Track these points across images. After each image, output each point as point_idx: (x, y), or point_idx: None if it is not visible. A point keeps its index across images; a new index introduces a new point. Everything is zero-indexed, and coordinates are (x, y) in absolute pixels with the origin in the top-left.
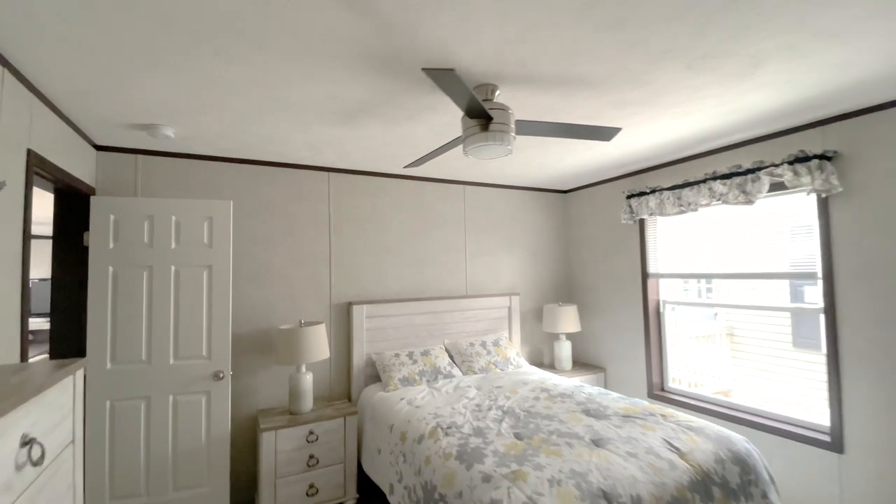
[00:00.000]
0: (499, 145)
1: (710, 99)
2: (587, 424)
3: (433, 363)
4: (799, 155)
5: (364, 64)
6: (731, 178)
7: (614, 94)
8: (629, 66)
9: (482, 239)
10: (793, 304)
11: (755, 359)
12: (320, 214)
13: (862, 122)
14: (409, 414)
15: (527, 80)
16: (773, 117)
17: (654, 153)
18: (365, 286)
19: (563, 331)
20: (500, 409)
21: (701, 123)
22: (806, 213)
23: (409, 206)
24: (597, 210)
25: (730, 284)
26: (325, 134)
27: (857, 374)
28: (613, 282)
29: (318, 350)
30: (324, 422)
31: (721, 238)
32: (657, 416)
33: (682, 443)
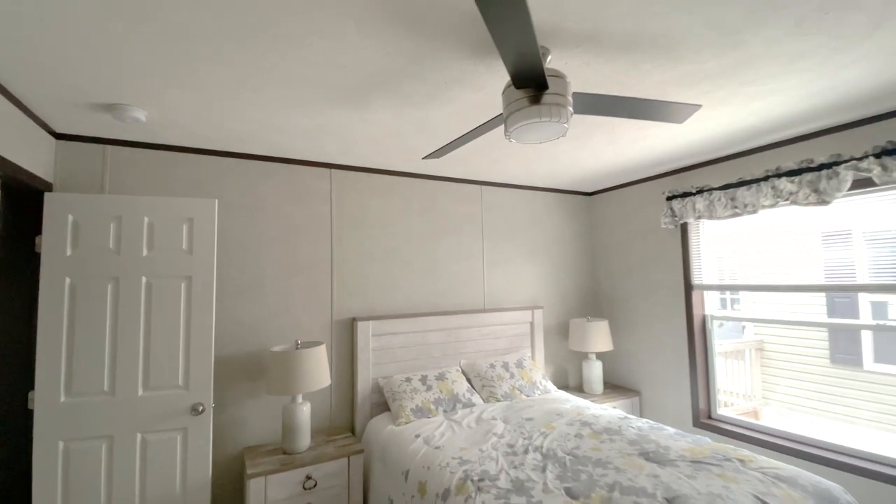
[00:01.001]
0: (554, 122)
1: (803, 73)
2: (651, 474)
3: (450, 389)
4: (887, 146)
5: (385, 15)
6: (800, 175)
7: (690, 64)
8: (725, 19)
9: (501, 245)
10: (874, 321)
11: (790, 375)
12: (320, 216)
13: None
14: (427, 457)
15: (586, 42)
16: (862, 101)
17: (702, 148)
18: (371, 299)
19: (592, 349)
20: (539, 450)
21: (780, 107)
22: (882, 216)
23: (420, 208)
24: (628, 214)
25: (756, 296)
26: (326, 117)
27: None
28: (649, 294)
29: (317, 377)
30: (324, 463)
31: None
32: (733, 460)
33: (778, 500)
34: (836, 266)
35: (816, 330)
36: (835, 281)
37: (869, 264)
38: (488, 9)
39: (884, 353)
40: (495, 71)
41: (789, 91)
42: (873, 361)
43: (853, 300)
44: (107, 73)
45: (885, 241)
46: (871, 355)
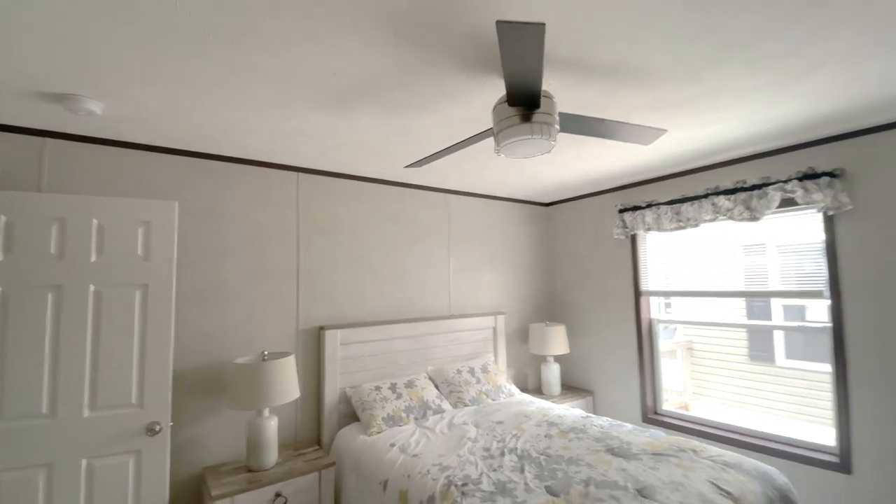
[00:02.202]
0: (543, 140)
1: (748, 106)
2: (619, 468)
3: (420, 396)
4: (808, 171)
5: (390, 27)
6: (735, 194)
7: (660, 92)
8: (693, 57)
9: (466, 253)
10: (795, 323)
11: (715, 371)
12: (287, 222)
13: (869, 141)
14: (406, 466)
15: (573, 67)
16: (792, 131)
17: (653, 166)
18: (339, 307)
19: (551, 352)
20: (514, 452)
21: (725, 133)
22: (792, 231)
23: (389, 215)
24: (583, 224)
25: (687, 301)
26: (308, 121)
27: (865, 392)
28: (602, 300)
29: (286, 389)
30: (294, 479)
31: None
32: (687, 451)
33: (730, 485)
34: (754, 274)
35: (737, 330)
36: (753, 287)
37: (780, 273)
38: (511, 42)
39: (793, 351)
40: (484, 87)
41: (735, 120)
42: (784, 358)
43: (767, 304)
44: (63, 61)
45: (794, 253)
46: (782, 352)
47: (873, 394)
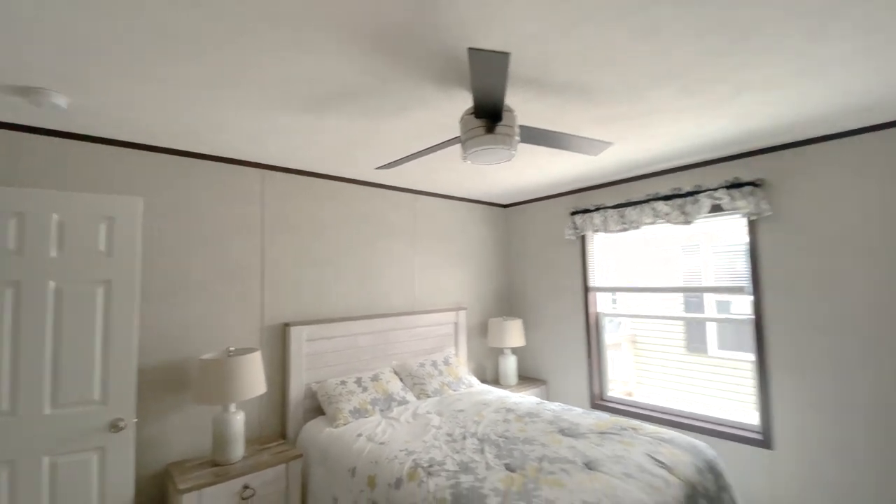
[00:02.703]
0: (505, 149)
1: (682, 123)
2: (570, 445)
3: (385, 389)
4: (734, 181)
5: (369, 39)
6: (672, 200)
7: (607, 109)
8: (635, 80)
9: (431, 251)
10: (721, 315)
11: (656, 362)
12: (251, 219)
13: (785, 155)
14: (374, 453)
15: (533, 84)
16: (720, 145)
17: (601, 173)
18: (304, 304)
19: (508, 345)
20: (475, 436)
21: (664, 146)
22: (722, 233)
23: (356, 214)
24: (538, 225)
25: (631, 297)
26: (278, 122)
27: (783, 377)
28: (555, 295)
29: (252, 384)
30: (262, 471)
31: (640, 254)
32: (628, 430)
33: (665, 457)
34: (690, 272)
35: (675, 324)
36: (689, 284)
37: (713, 271)
38: (480, 67)
39: (723, 342)
40: (453, 97)
41: (671, 135)
42: (717, 348)
43: (701, 299)
44: (33, 54)
45: (724, 254)
46: (715, 344)
47: (789, 378)
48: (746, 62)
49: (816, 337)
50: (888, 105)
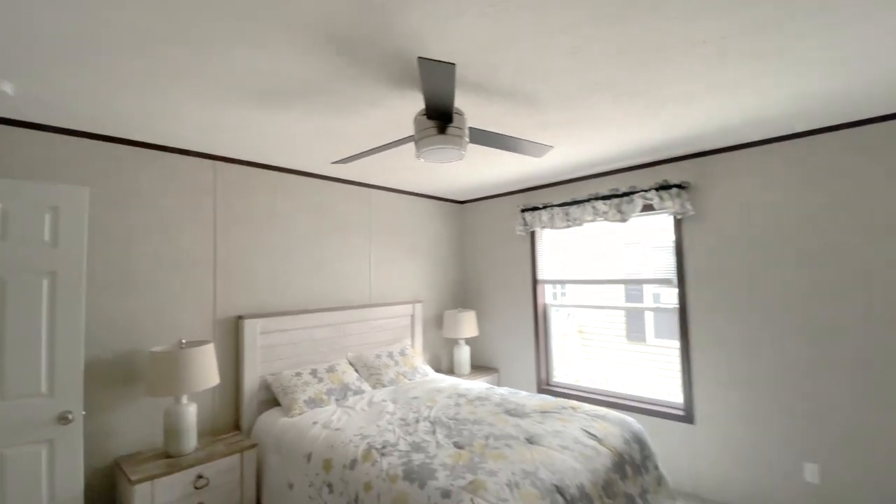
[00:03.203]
0: (455, 149)
1: (616, 130)
2: (515, 424)
3: (341, 379)
4: (663, 183)
5: (323, 40)
6: (610, 199)
7: (547, 115)
8: (571, 91)
9: (387, 245)
10: (663, 305)
11: (600, 350)
12: (203, 210)
13: (707, 161)
14: (329, 438)
15: (480, 90)
16: (651, 151)
17: (549, 173)
18: (258, 297)
19: (462, 336)
20: (427, 419)
21: (601, 150)
22: (657, 231)
23: (311, 207)
24: (492, 222)
25: (579, 289)
26: (230, 114)
27: (702, 360)
28: (506, 288)
29: (205, 376)
30: (216, 461)
31: (584, 249)
32: (568, 409)
33: (597, 430)
34: (631, 266)
35: (618, 315)
36: (631, 277)
37: (651, 265)
38: (430, 74)
39: (659, 331)
40: (407, 97)
41: (606, 140)
42: (654, 337)
43: (640, 291)
44: None
45: (659, 249)
46: (652, 332)
47: (708, 360)
48: (664, 78)
49: (730, 323)
50: (787, 119)
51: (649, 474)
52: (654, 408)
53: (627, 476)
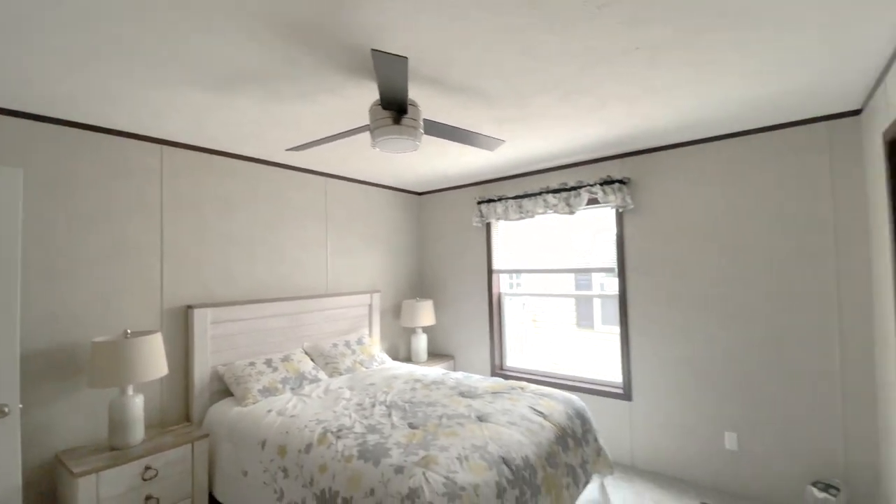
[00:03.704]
0: (410, 140)
1: (563, 127)
2: (467, 404)
3: (296, 368)
4: (606, 178)
5: (278, 27)
6: (559, 193)
7: (500, 111)
8: (522, 88)
9: (344, 235)
10: (606, 293)
11: (552, 337)
12: (149, 196)
13: (645, 159)
14: (284, 425)
15: (434, 83)
16: (595, 147)
17: (504, 166)
18: (209, 286)
19: (420, 324)
20: (383, 404)
21: (550, 146)
22: (603, 223)
23: (264, 195)
24: (449, 213)
25: (532, 278)
26: (179, 98)
27: (640, 342)
28: (462, 277)
29: (152, 365)
30: (165, 452)
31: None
32: (517, 389)
33: (543, 407)
34: (581, 257)
35: (569, 305)
36: (581, 266)
37: (599, 255)
38: (383, 67)
39: (606, 318)
40: (363, 87)
41: (555, 136)
42: (601, 324)
43: (589, 281)
44: None
45: (605, 241)
46: (599, 320)
47: (644, 343)
48: (607, 80)
49: (663, 308)
50: (715, 123)
51: (589, 446)
52: (596, 387)
53: (569, 448)
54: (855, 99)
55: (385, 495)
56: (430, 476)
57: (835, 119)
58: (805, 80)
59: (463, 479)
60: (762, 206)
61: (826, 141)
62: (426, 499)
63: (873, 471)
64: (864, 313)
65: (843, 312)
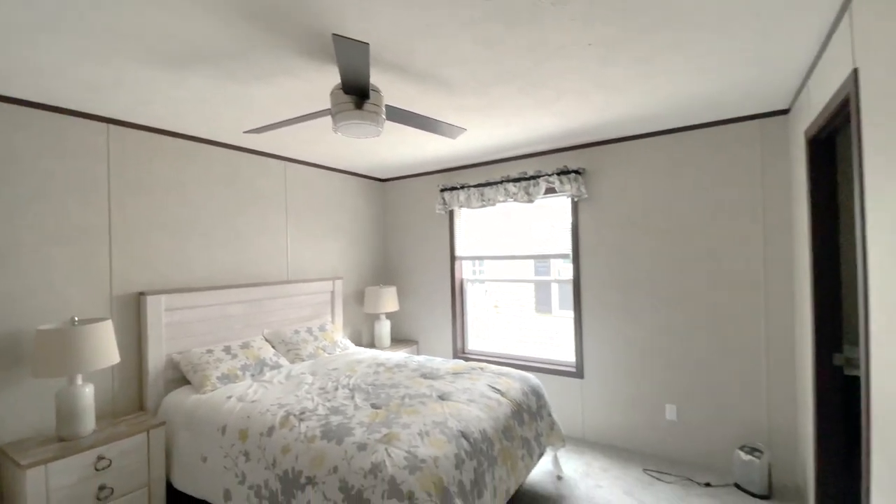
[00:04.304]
0: (372, 125)
1: (522, 117)
2: (429, 385)
3: (257, 355)
4: (563, 168)
5: (238, 6)
6: (519, 182)
7: (461, 99)
8: (482, 78)
9: (305, 221)
10: (563, 277)
11: (512, 321)
12: (95, 177)
13: (597, 151)
14: (245, 410)
15: (395, 69)
16: (553, 138)
17: (466, 155)
18: (162, 272)
19: (383, 311)
20: (346, 387)
21: (511, 135)
22: (560, 212)
23: (221, 179)
24: (413, 201)
25: (494, 265)
26: (127, 74)
27: (590, 323)
28: (426, 264)
29: (102, 354)
30: (119, 441)
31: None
32: (477, 369)
33: (501, 385)
34: (541, 244)
35: (528, 291)
36: (539, 253)
37: (558, 243)
38: (344, 52)
39: (563, 303)
40: (324, 70)
41: (515, 126)
42: (559, 308)
43: (548, 267)
44: None
45: (562, 229)
46: (557, 305)
47: (595, 324)
48: (562, 74)
49: (612, 291)
50: (662, 118)
51: (543, 421)
52: (552, 367)
53: (524, 422)
54: (783, 99)
55: (348, 471)
56: (392, 451)
57: (766, 118)
58: (741, 80)
59: (424, 453)
60: (701, 196)
61: (758, 137)
62: (388, 472)
63: (791, 434)
64: (786, 294)
65: (769, 294)
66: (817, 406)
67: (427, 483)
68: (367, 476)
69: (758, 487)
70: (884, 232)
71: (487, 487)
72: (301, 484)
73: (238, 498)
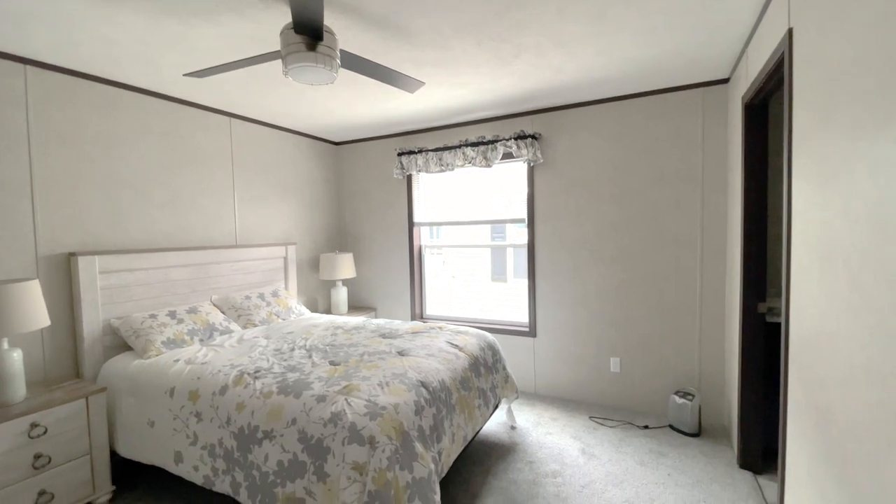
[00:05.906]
0: (325, 69)
1: (481, 76)
2: (388, 343)
3: (205, 320)
4: (520, 133)
5: None
6: (477, 146)
7: (420, 52)
8: (442, 27)
9: (254, 183)
10: (518, 242)
11: (469, 290)
12: (10, 126)
13: (553, 116)
14: (195, 372)
15: (350, 12)
16: (511, 102)
17: (424, 117)
18: (94, 231)
19: (340, 277)
20: (303, 348)
21: (469, 96)
22: (518, 176)
23: (158, 133)
24: (369, 165)
25: (452, 233)
26: (45, 4)
27: (542, 285)
28: (384, 230)
29: (29, 316)
30: (54, 409)
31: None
32: (436, 328)
33: (459, 341)
34: (498, 210)
35: (485, 260)
36: (497, 218)
37: (514, 208)
38: None
39: (518, 272)
40: (273, 9)
41: (473, 86)
42: (514, 277)
43: (504, 234)
44: None
45: (519, 193)
46: (512, 273)
47: (547, 285)
48: (520, 27)
49: (564, 254)
50: (614, 83)
51: (498, 374)
52: (508, 328)
53: (481, 374)
54: (724, 69)
55: (307, 422)
56: (352, 401)
57: (708, 86)
58: (686, 46)
59: (384, 401)
60: (646, 160)
61: (700, 105)
62: (348, 419)
63: (720, 379)
64: (719, 253)
65: (704, 252)
66: (742, 350)
67: (388, 428)
68: (326, 425)
69: (689, 427)
70: (809, 183)
71: (446, 433)
72: (258, 438)
73: (191, 459)
